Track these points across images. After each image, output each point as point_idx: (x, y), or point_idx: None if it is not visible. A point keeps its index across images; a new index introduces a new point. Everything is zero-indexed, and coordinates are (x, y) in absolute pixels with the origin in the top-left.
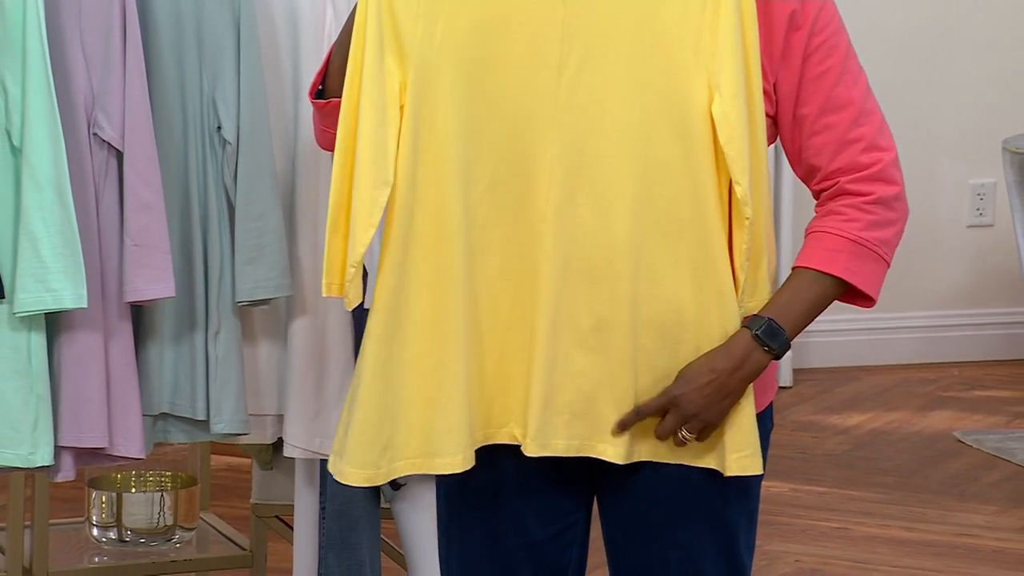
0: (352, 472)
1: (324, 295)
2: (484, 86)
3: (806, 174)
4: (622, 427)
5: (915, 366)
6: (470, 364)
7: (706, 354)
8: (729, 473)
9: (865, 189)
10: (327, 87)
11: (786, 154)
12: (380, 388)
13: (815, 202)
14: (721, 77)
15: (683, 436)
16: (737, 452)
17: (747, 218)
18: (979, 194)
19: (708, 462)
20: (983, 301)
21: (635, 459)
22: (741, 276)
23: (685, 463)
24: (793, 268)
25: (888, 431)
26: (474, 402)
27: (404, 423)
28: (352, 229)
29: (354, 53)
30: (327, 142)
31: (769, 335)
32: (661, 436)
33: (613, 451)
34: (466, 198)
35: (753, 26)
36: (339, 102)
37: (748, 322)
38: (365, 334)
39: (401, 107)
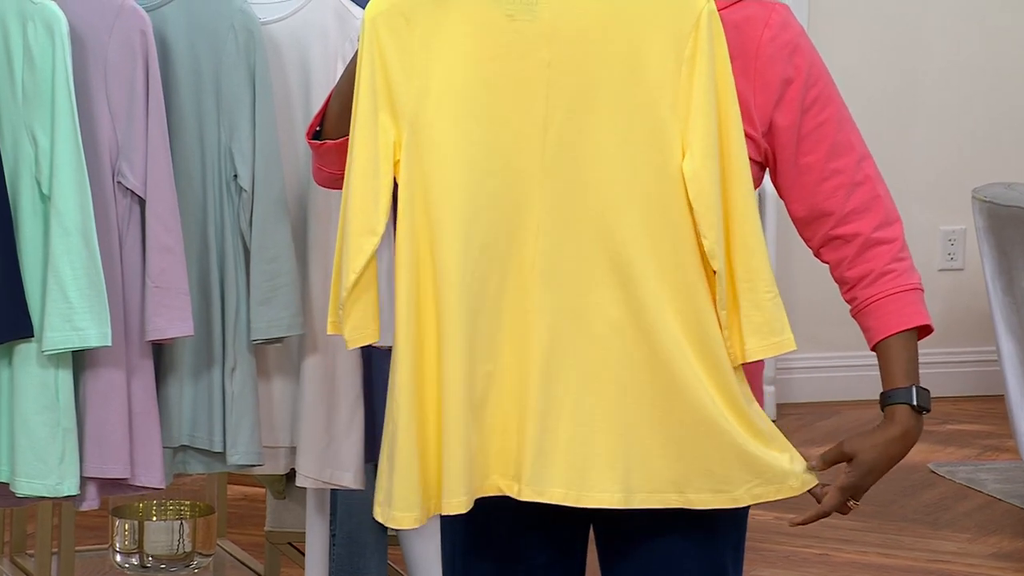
0: (401, 516)
1: (328, 333)
2: (476, 143)
3: (814, 217)
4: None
5: None
6: (467, 412)
7: (879, 442)
8: (739, 505)
9: (890, 235)
10: (324, 129)
11: (785, 197)
12: (416, 433)
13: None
14: (692, 136)
15: (850, 506)
16: (748, 483)
17: (715, 271)
18: (950, 239)
19: (712, 503)
20: (954, 340)
21: (632, 506)
22: (724, 323)
23: (687, 507)
24: (886, 337)
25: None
26: (473, 448)
27: (427, 466)
28: (338, 273)
29: (355, 106)
30: (323, 180)
31: (924, 400)
32: (829, 511)
33: (610, 498)
34: (464, 254)
35: (728, 87)
36: (334, 144)
37: (899, 396)
38: (393, 384)
39: (397, 162)
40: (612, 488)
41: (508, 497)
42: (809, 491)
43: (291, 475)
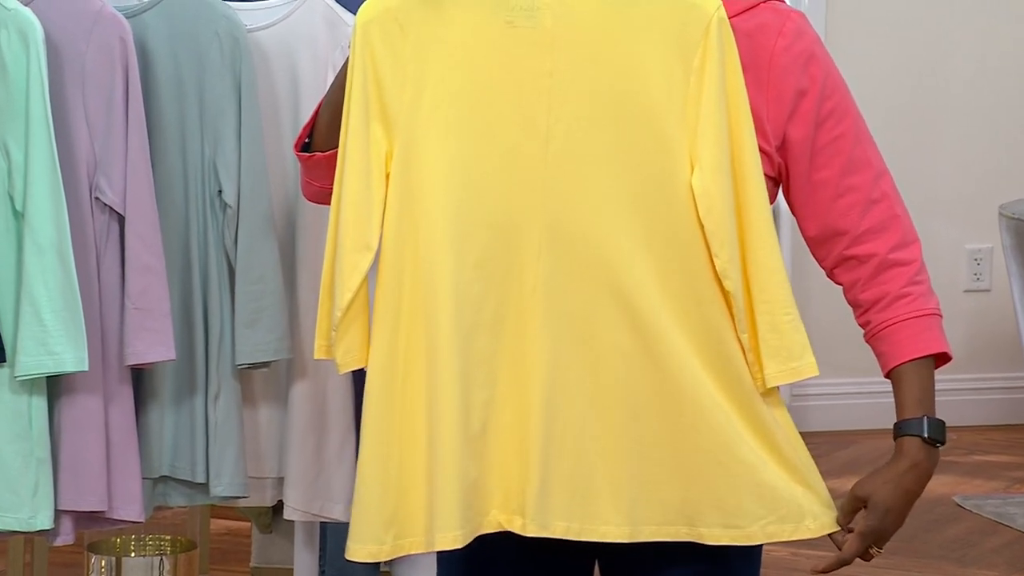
0: (356, 548)
1: (316, 357)
2: (472, 156)
3: (828, 236)
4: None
5: None
6: (463, 442)
7: (890, 478)
8: (752, 543)
9: (907, 257)
10: (314, 141)
11: (798, 215)
12: (381, 464)
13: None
14: (702, 150)
15: (872, 553)
16: (762, 519)
17: (728, 291)
18: (976, 259)
19: (722, 539)
20: (981, 366)
21: (639, 539)
22: (748, 346)
23: (697, 542)
24: (900, 364)
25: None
26: (469, 479)
27: (407, 500)
28: (327, 293)
29: (345, 116)
30: (312, 194)
31: (936, 432)
32: (850, 559)
33: (616, 531)
34: (456, 272)
35: (740, 98)
36: (323, 157)
37: (909, 428)
38: (363, 410)
39: (388, 175)
40: (618, 520)
41: (506, 532)
42: (830, 536)
43: (278, 507)
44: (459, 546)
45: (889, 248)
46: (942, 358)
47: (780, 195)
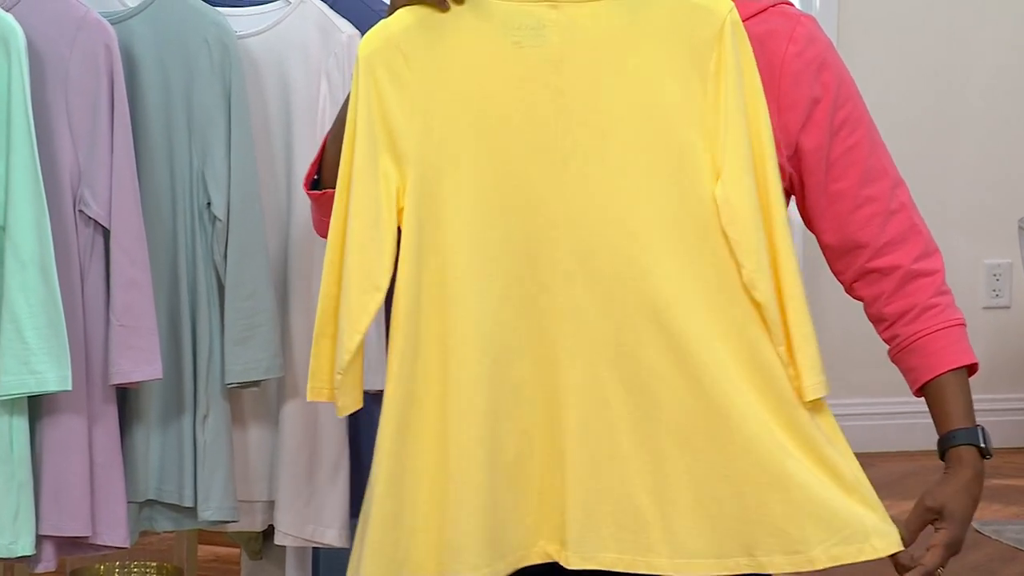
0: None
1: (309, 400)
2: (490, 184)
3: (848, 249)
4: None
5: (932, 453)
6: (491, 474)
7: (960, 488)
8: (816, 567)
9: (931, 267)
10: (323, 177)
11: (816, 227)
12: (394, 503)
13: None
14: (723, 157)
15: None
16: (824, 542)
17: (759, 302)
18: (995, 274)
19: (785, 567)
20: (1000, 386)
21: (693, 572)
22: (785, 361)
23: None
24: (938, 375)
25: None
26: (506, 513)
27: (420, 539)
28: (339, 335)
29: (346, 151)
30: (325, 231)
31: (989, 443)
32: (935, 573)
33: (669, 564)
34: (481, 302)
35: (759, 103)
36: (334, 193)
37: (963, 438)
38: (376, 446)
39: (400, 209)
40: (669, 552)
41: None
42: (891, 557)
43: (269, 532)
44: None
45: (912, 259)
46: (972, 369)
47: (792, 207)
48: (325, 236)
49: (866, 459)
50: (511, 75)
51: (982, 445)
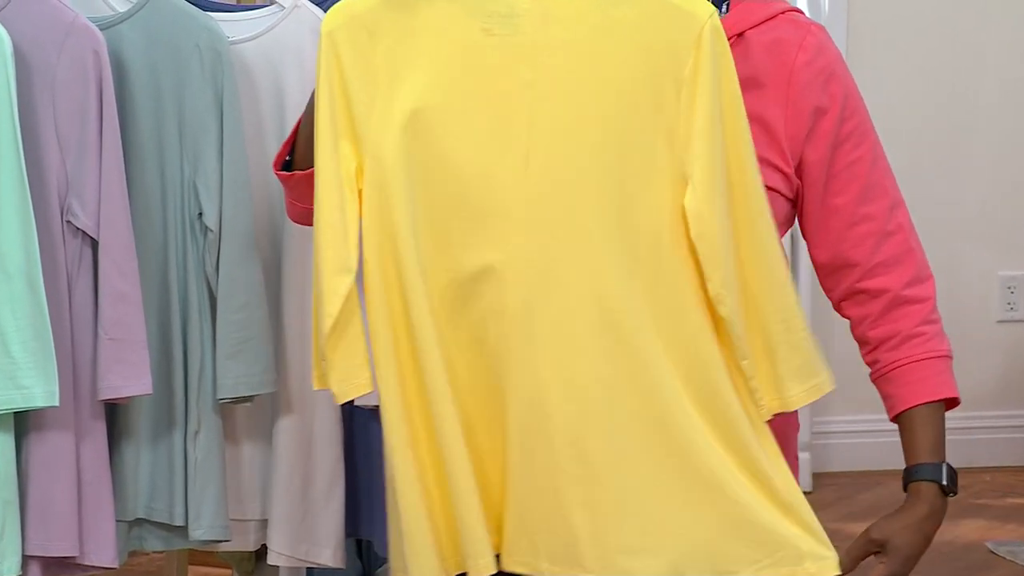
0: None
1: (315, 388)
2: (445, 175)
3: (838, 266)
4: None
5: None
6: (463, 468)
7: (910, 523)
8: None
9: (921, 294)
10: (294, 158)
11: (809, 240)
12: (418, 496)
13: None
14: (694, 167)
15: None
16: (756, 563)
17: (723, 317)
18: (1009, 287)
19: None
20: (1016, 402)
21: None
22: (750, 374)
23: None
24: (912, 407)
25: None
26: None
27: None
28: (315, 319)
29: (316, 131)
30: (297, 215)
31: (952, 481)
32: None
33: None
34: (429, 293)
35: (737, 113)
36: (304, 175)
37: (925, 473)
38: (386, 444)
39: (360, 191)
40: (598, 568)
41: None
42: None
43: (261, 552)
44: (491, 572)
45: (903, 284)
46: (951, 403)
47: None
48: (296, 220)
49: (875, 478)
50: (479, 63)
51: (944, 483)
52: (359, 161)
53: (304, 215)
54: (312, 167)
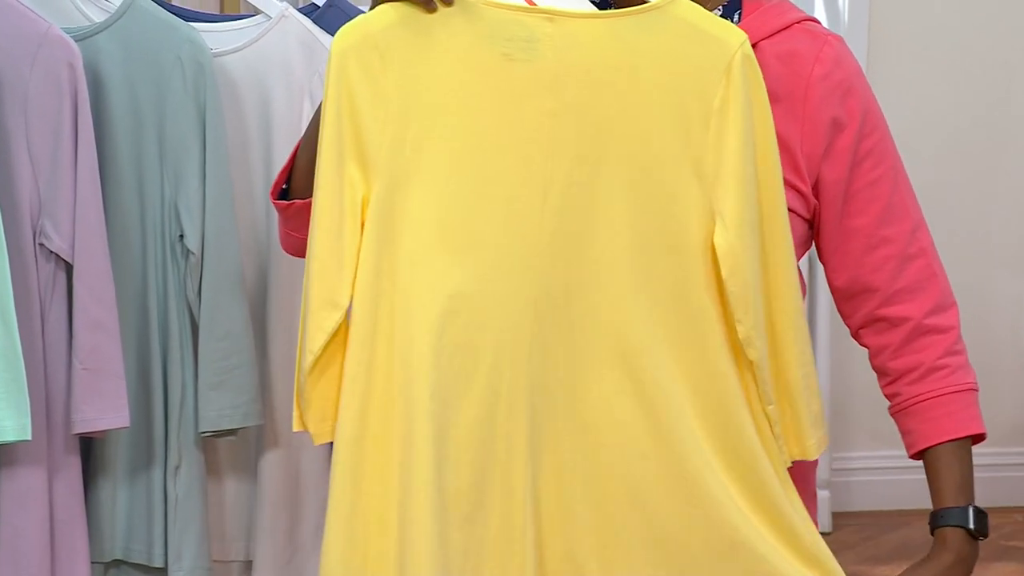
0: None
1: (294, 429)
2: (461, 206)
3: (857, 292)
4: None
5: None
6: (442, 528)
7: (936, 573)
8: None
9: (945, 323)
10: (292, 187)
11: (826, 263)
12: (347, 547)
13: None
14: (724, 203)
15: None
16: None
17: (752, 360)
18: None
19: None
20: None
21: None
22: (775, 418)
23: None
24: (935, 444)
25: None
26: (451, 567)
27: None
28: (298, 354)
29: (319, 156)
30: (292, 247)
31: (980, 524)
32: None
33: None
34: (439, 338)
35: (769, 143)
36: (304, 204)
37: (951, 518)
38: (330, 487)
39: (363, 223)
40: None
41: None
42: None
43: None
44: None
45: (925, 312)
46: (978, 439)
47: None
48: (292, 252)
49: (901, 518)
50: (498, 90)
51: (970, 527)
52: (367, 189)
53: (301, 247)
54: (310, 196)
